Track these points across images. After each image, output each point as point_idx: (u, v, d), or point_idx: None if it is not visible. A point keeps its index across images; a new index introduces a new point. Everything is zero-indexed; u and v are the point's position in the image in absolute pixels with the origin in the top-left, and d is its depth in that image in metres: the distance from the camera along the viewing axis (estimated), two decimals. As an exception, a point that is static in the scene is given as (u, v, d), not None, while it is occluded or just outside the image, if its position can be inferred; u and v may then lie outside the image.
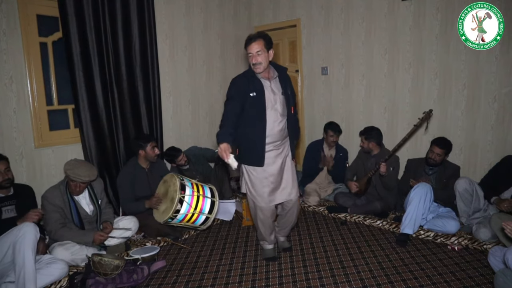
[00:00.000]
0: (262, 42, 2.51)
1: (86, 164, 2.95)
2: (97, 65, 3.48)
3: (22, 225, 2.39)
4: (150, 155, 3.43)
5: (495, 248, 2.50)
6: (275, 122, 2.61)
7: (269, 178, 2.67)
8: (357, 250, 2.99)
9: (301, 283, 2.54)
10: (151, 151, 3.42)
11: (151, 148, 3.42)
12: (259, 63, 2.51)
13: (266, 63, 2.54)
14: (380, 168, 3.44)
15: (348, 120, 4.54)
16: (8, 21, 3.06)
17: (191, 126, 4.52)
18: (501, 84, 3.49)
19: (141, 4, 3.75)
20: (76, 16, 3.29)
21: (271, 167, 2.67)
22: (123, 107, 3.74)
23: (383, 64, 4.15)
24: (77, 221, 2.91)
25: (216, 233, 3.47)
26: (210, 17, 4.63)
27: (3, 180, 2.65)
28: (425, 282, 2.48)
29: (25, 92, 3.20)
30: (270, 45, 2.56)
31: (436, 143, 3.38)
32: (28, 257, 2.31)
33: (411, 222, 3.08)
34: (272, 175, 2.68)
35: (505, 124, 3.51)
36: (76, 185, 2.85)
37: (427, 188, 3.15)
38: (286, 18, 4.88)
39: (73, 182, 2.84)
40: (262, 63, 2.51)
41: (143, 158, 3.45)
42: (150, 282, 2.63)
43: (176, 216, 3.06)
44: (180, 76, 4.34)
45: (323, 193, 4.22)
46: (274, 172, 2.68)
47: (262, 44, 2.50)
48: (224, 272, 2.74)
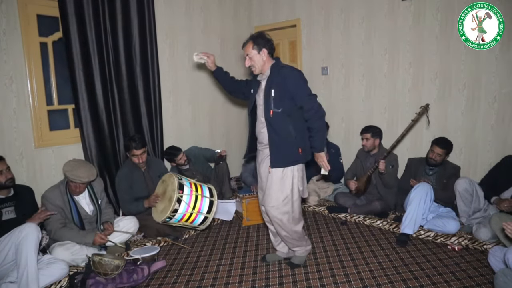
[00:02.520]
0: (251, 44, 2.48)
1: (85, 164, 2.95)
2: (97, 65, 3.48)
3: (24, 226, 2.39)
4: (133, 162, 3.41)
5: (495, 248, 2.50)
6: (258, 123, 2.59)
7: (261, 177, 2.67)
8: (357, 250, 2.99)
9: (301, 283, 2.55)
10: (133, 158, 3.38)
11: (131, 156, 3.38)
12: (252, 66, 2.53)
13: (259, 64, 2.50)
14: (379, 165, 3.44)
15: (348, 120, 4.54)
16: (8, 21, 3.05)
17: (191, 126, 4.52)
18: (501, 84, 3.49)
19: (141, 4, 3.75)
20: (76, 16, 3.29)
21: (261, 167, 2.65)
22: (123, 107, 3.74)
23: (383, 64, 4.16)
24: (77, 221, 2.91)
25: (216, 233, 3.47)
26: (210, 17, 4.62)
27: (6, 180, 2.65)
28: (425, 282, 2.48)
29: (25, 92, 3.20)
30: (261, 45, 2.48)
31: (436, 143, 3.38)
32: (31, 257, 2.32)
33: (411, 222, 3.08)
34: (260, 176, 2.68)
35: (505, 124, 3.52)
36: (76, 185, 2.85)
37: (427, 188, 3.15)
38: (286, 18, 4.88)
39: (73, 183, 2.84)
40: (254, 65, 2.51)
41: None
42: (150, 282, 2.63)
43: (174, 215, 3.05)
44: (180, 76, 4.34)
45: (323, 193, 4.22)
46: (261, 174, 2.65)
47: (250, 47, 2.48)
48: (224, 272, 2.74)
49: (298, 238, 2.69)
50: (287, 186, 2.53)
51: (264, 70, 2.53)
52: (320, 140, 2.50)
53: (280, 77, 2.46)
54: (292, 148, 2.49)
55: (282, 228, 2.61)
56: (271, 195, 2.55)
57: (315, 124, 2.46)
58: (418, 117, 3.38)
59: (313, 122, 2.46)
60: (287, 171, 2.52)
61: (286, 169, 2.51)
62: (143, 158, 3.39)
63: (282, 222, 2.57)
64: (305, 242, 2.77)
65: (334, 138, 4.52)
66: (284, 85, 2.44)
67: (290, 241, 2.70)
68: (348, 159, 4.28)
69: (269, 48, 2.50)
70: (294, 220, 2.61)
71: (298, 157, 2.52)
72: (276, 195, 2.53)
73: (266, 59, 2.51)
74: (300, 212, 2.67)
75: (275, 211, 2.55)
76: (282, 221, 2.57)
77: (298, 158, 2.52)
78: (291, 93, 2.44)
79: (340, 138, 4.58)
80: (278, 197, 2.53)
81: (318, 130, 2.48)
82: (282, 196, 2.53)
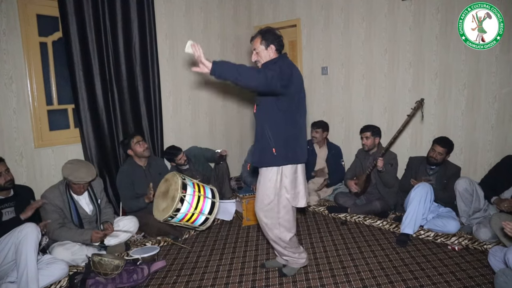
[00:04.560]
0: (259, 39, 2.39)
1: (84, 164, 2.96)
2: (97, 65, 3.48)
3: (24, 226, 2.39)
4: (138, 151, 3.44)
5: (495, 248, 2.50)
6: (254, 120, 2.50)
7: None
8: (357, 250, 2.99)
9: (301, 283, 2.54)
10: (137, 147, 3.43)
11: (135, 143, 3.43)
12: (258, 61, 2.44)
13: (266, 59, 2.40)
14: (377, 163, 3.45)
15: (348, 120, 4.54)
16: (8, 21, 3.05)
17: (191, 126, 4.52)
18: (501, 84, 3.49)
19: (141, 3, 3.75)
20: (76, 15, 3.29)
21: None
22: (123, 107, 3.74)
23: (383, 64, 4.15)
24: (76, 221, 2.91)
25: (216, 233, 3.47)
26: (210, 17, 4.62)
27: (6, 182, 2.65)
28: (425, 282, 2.48)
29: (25, 92, 3.20)
30: (269, 41, 2.38)
31: (437, 142, 3.39)
32: (30, 257, 2.32)
33: (412, 222, 3.08)
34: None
35: (505, 124, 3.51)
36: (80, 186, 2.88)
37: (427, 188, 3.15)
38: (286, 18, 4.88)
39: (77, 184, 2.85)
40: (260, 60, 2.42)
41: (136, 157, 3.48)
42: (150, 282, 2.63)
43: (176, 215, 3.05)
44: (180, 76, 4.34)
45: (323, 193, 4.22)
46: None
47: (259, 42, 2.39)
48: (224, 272, 2.74)
49: (284, 247, 2.54)
50: (271, 190, 2.41)
51: None
52: (226, 69, 2.07)
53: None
54: (269, 148, 2.35)
55: (267, 232, 2.53)
56: (257, 196, 2.50)
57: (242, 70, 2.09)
58: (414, 112, 3.38)
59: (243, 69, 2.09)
60: (272, 175, 2.40)
61: (271, 172, 2.40)
62: (145, 145, 3.48)
63: (268, 226, 2.48)
64: (298, 255, 2.61)
65: (334, 138, 4.52)
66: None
67: (277, 248, 2.61)
68: (348, 159, 4.27)
69: (277, 44, 2.40)
70: (281, 227, 2.47)
71: (273, 159, 2.34)
72: (261, 197, 2.46)
73: (273, 55, 2.41)
74: (290, 222, 2.49)
75: (260, 213, 2.48)
76: (267, 225, 2.48)
77: (272, 160, 2.35)
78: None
79: (340, 138, 4.57)
80: (263, 200, 2.45)
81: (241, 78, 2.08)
82: (267, 200, 2.43)
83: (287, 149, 2.35)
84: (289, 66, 2.34)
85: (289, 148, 2.36)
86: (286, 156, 2.36)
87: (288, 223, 2.48)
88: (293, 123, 2.37)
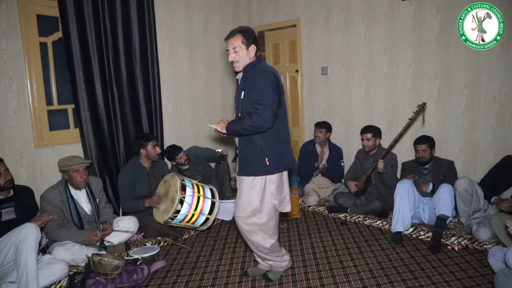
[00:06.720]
0: (241, 37, 2.25)
1: (74, 155, 3.06)
2: (97, 65, 3.48)
3: (24, 226, 2.39)
4: (151, 154, 3.44)
5: (495, 248, 2.50)
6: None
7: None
8: (357, 250, 2.99)
9: (301, 283, 2.54)
10: (152, 150, 3.44)
11: (152, 147, 3.44)
12: (236, 61, 2.28)
13: (245, 61, 2.28)
14: (378, 165, 3.45)
15: (348, 120, 4.54)
16: (8, 21, 3.05)
17: (191, 126, 4.52)
18: (501, 84, 3.49)
19: (141, 4, 3.75)
20: (76, 16, 3.29)
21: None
22: (123, 107, 3.74)
23: (383, 64, 4.15)
24: (76, 221, 2.91)
25: (216, 233, 3.47)
26: (210, 17, 4.62)
27: (5, 182, 2.65)
28: (425, 282, 2.48)
29: (25, 92, 3.20)
30: (251, 40, 2.27)
31: (417, 142, 3.48)
32: (30, 257, 2.32)
33: (399, 220, 3.14)
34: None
35: (505, 124, 3.51)
36: (80, 174, 2.90)
37: (407, 184, 3.22)
38: (286, 18, 4.88)
39: (77, 172, 2.86)
40: (239, 61, 2.27)
41: (144, 157, 3.46)
42: (150, 282, 2.63)
43: (176, 216, 3.06)
44: (180, 76, 4.34)
45: (323, 193, 4.22)
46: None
47: (240, 40, 2.25)
48: (224, 272, 2.74)
49: (266, 253, 2.47)
50: (256, 197, 2.30)
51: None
52: (232, 129, 2.24)
53: (250, 78, 2.25)
54: (259, 157, 2.25)
55: (248, 239, 2.42)
56: (238, 204, 2.35)
57: (244, 126, 2.18)
58: (416, 116, 3.40)
59: (244, 125, 2.17)
60: (256, 181, 2.29)
61: (255, 179, 2.29)
62: (159, 150, 3.55)
63: (249, 233, 2.37)
64: (280, 258, 2.54)
65: (334, 138, 4.52)
66: (253, 88, 2.22)
67: (258, 254, 2.55)
68: (348, 159, 4.28)
69: (256, 45, 2.31)
70: (263, 234, 2.38)
71: (265, 168, 2.26)
72: (243, 205, 2.33)
73: (253, 58, 2.30)
74: (273, 228, 2.41)
75: (241, 222, 2.35)
76: (249, 232, 2.37)
77: (265, 169, 2.26)
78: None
79: (340, 138, 4.57)
80: (245, 208, 2.32)
81: (240, 129, 2.20)
82: (250, 208, 2.31)
83: (280, 157, 2.31)
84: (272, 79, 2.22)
85: (281, 155, 2.32)
86: (279, 164, 2.31)
87: (270, 230, 2.40)
88: (282, 129, 2.32)
